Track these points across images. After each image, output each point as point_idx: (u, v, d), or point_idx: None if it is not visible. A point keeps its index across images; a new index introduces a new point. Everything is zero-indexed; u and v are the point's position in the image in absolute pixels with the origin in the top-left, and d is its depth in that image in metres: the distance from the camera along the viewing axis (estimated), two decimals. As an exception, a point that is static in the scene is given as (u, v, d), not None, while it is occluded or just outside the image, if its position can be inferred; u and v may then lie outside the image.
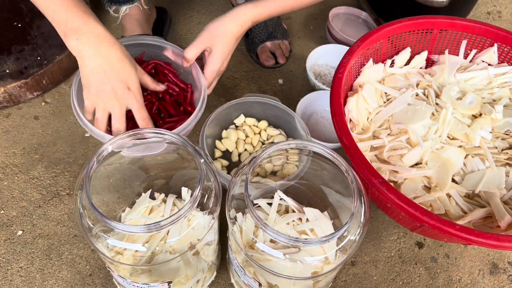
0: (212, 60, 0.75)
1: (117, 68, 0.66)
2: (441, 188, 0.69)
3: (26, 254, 0.74)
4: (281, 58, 1.04)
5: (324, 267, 0.58)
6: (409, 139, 0.74)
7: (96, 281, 0.72)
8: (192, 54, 0.75)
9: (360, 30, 1.16)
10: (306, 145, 0.59)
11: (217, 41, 0.74)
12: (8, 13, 0.98)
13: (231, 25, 0.74)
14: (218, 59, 0.75)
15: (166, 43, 0.82)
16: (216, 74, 0.77)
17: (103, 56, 0.65)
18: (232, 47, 0.76)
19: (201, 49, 0.75)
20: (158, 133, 0.57)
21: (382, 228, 0.82)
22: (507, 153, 0.74)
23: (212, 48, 0.74)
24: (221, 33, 0.73)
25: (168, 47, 0.82)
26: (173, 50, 0.80)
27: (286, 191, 0.66)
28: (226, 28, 0.73)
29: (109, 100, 0.67)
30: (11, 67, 0.90)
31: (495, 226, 0.67)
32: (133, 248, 0.57)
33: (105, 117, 0.68)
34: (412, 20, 0.81)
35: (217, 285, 0.73)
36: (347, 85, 0.79)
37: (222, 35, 0.73)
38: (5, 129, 0.89)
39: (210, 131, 0.84)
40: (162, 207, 0.64)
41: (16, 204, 0.79)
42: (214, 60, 0.75)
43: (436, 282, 0.77)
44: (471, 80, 0.82)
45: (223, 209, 0.59)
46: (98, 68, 0.65)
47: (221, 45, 0.74)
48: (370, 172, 0.61)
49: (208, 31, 0.74)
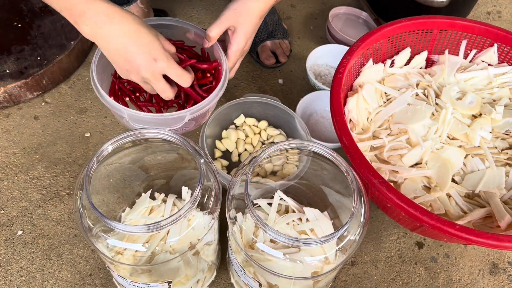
0: (236, 39, 0.72)
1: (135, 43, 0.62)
2: (441, 188, 0.69)
3: (26, 254, 0.74)
4: (282, 57, 1.04)
5: (324, 267, 0.58)
6: (409, 139, 0.74)
7: (96, 281, 0.72)
8: (215, 32, 0.71)
9: (360, 30, 1.16)
10: (306, 145, 0.59)
11: (242, 19, 0.70)
12: (8, 13, 0.98)
13: (256, 3, 0.70)
14: (242, 38, 0.72)
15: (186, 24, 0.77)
16: (239, 53, 0.74)
17: (117, 34, 0.62)
18: (256, 26, 0.73)
19: (224, 27, 0.71)
20: (157, 133, 0.57)
21: (382, 228, 0.82)
22: (507, 153, 0.74)
23: (236, 27, 0.71)
24: (246, 10, 0.70)
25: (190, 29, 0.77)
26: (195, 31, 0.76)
27: (286, 191, 0.66)
28: (251, 5, 0.70)
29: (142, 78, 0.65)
30: (11, 67, 0.90)
31: (495, 226, 0.67)
32: (133, 248, 0.57)
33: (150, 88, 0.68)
34: (412, 20, 0.81)
35: (217, 285, 0.73)
36: (347, 85, 0.79)
37: (247, 12, 0.70)
38: (5, 129, 0.89)
39: (210, 131, 0.84)
40: (162, 207, 0.64)
41: (16, 204, 0.79)
42: (239, 39, 0.72)
43: (436, 282, 0.77)
44: (471, 80, 0.82)
45: (223, 209, 0.59)
46: (117, 49, 0.62)
47: (246, 23, 0.71)
48: (370, 172, 0.61)
49: (232, 9, 0.70)
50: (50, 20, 0.97)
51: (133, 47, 0.62)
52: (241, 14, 0.70)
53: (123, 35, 0.62)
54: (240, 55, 0.75)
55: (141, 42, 0.63)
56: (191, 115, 0.70)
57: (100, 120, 0.92)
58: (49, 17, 0.97)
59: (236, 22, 0.71)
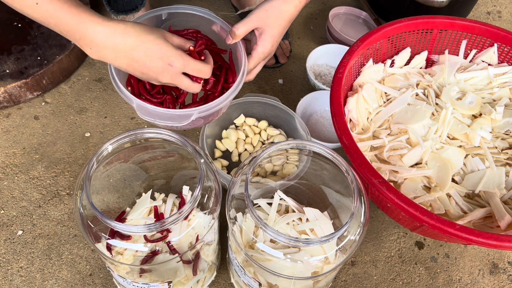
0: (263, 41, 0.69)
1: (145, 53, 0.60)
2: (441, 188, 0.69)
3: (26, 254, 0.74)
4: (282, 58, 1.04)
5: (324, 267, 0.58)
6: (409, 139, 0.74)
7: (96, 281, 0.72)
8: (242, 31, 0.68)
9: (360, 30, 1.16)
10: (306, 145, 0.59)
11: (271, 21, 0.68)
12: (8, 13, 0.98)
13: (287, 6, 0.68)
14: (269, 40, 0.69)
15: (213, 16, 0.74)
16: (263, 56, 0.71)
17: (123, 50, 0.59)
18: (284, 30, 0.70)
19: (252, 27, 0.69)
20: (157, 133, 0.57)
21: (382, 228, 0.82)
22: (507, 153, 0.74)
23: (264, 28, 0.69)
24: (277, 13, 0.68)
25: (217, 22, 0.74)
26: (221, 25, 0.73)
27: (286, 191, 0.66)
28: (282, 8, 0.68)
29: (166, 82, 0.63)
30: (11, 67, 0.90)
31: (495, 226, 0.67)
32: (134, 248, 0.57)
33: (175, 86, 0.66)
34: (412, 20, 0.81)
35: (217, 285, 0.73)
36: (347, 85, 0.79)
37: (278, 15, 0.68)
38: (5, 129, 0.89)
39: (210, 131, 0.84)
40: (162, 207, 0.64)
41: (16, 204, 0.79)
42: (265, 41, 0.69)
43: (436, 282, 0.77)
44: (471, 80, 0.82)
45: (223, 209, 0.59)
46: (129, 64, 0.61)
47: (275, 26, 0.69)
48: (370, 172, 0.61)
49: (263, 10, 0.68)
50: (50, 20, 0.97)
51: (144, 59, 0.60)
52: (271, 16, 0.68)
53: (130, 50, 0.60)
54: (263, 58, 0.73)
55: (150, 52, 0.60)
56: (199, 114, 0.67)
57: (100, 120, 0.92)
58: (49, 17, 0.97)
59: (265, 23, 0.68)
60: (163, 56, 0.61)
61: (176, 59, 0.61)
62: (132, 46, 0.59)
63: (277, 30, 0.69)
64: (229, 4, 1.18)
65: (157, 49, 0.60)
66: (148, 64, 0.61)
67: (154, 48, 0.60)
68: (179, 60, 0.61)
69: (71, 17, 0.56)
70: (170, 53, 0.61)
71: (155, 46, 0.60)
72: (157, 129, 0.57)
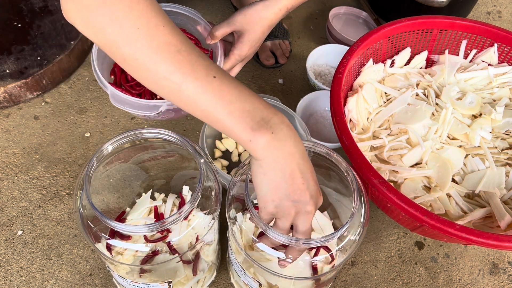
0: (240, 44, 0.71)
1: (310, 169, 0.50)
2: (441, 188, 0.69)
3: (26, 254, 0.74)
4: (282, 58, 1.04)
5: (324, 267, 0.58)
6: (409, 139, 0.74)
7: (96, 281, 0.72)
8: (220, 32, 0.70)
9: (360, 30, 1.16)
10: (306, 145, 0.59)
11: (250, 25, 0.70)
12: (8, 13, 0.98)
13: (267, 12, 0.70)
14: (246, 44, 0.71)
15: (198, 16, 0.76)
16: (240, 58, 0.73)
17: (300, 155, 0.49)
18: (263, 35, 0.72)
19: (230, 29, 0.71)
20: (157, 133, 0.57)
21: (382, 228, 0.82)
22: (507, 153, 0.74)
23: (243, 32, 0.70)
24: (256, 18, 0.70)
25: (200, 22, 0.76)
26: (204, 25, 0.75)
27: (286, 191, 0.66)
28: (262, 13, 0.70)
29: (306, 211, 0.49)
30: (11, 67, 0.90)
31: (495, 226, 0.67)
32: (134, 248, 0.57)
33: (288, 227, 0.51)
34: (412, 20, 0.81)
35: (217, 285, 0.73)
36: (347, 85, 0.79)
37: (257, 20, 0.70)
38: (5, 129, 0.89)
39: (210, 131, 0.84)
40: (162, 207, 0.64)
41: (16, 204, 0.79)
42: (242, 44, 0.71)
43: (436, 282, 0.77)
44: (471, 80, 0.82)
45: (223, 209, 0.59)
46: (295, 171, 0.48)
47: (253, 30, 0.70)
48: (370, 172, 0.61)
49: (243, 14, 0.70)
50: (50, 20, 0.97)
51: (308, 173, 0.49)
52: (250, 21, 0.69)
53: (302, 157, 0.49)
54: (241, 60, 0.74)
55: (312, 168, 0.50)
56: (168, 106, 0.67)
57: (100, 120, 0.92)
58: (49, 17, 0.97)
59: (244, 28, 0.70)
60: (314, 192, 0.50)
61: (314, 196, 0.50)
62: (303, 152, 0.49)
63: (254, 34, 0.70)
64: (229, 4, 1.18)
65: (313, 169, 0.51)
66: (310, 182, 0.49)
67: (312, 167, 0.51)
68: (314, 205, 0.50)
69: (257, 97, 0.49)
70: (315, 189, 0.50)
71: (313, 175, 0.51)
72: (157, 129, 0.57)
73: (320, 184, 0.66)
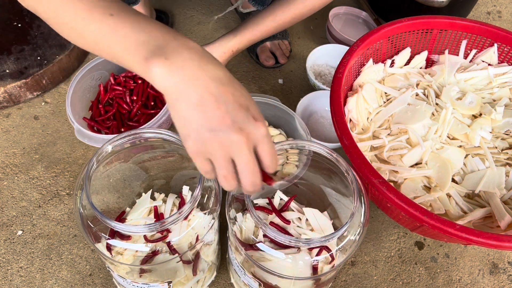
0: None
1: (231, 91, 0.44)
2: (441, 188, 0.69)
3: (26, 254, 0.74)
4: (282, 58, 1.04)
5: (324, 267, 0.58)
6: (409, 139, 0.74)
7: (96, 281, 0.72)
8: None
9: (360, 30, 1.16)
10: (306, 145, 0.59)
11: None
12: (8, 13, 0.98)
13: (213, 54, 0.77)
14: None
15: None
16: None
17: (209, 77, 0.43)
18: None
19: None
20: (157, 133, 0.57)
21: (382, 228, 0.82)
22: (507, 153, 0.74)
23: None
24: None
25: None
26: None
27: (286, 191, 0.66)
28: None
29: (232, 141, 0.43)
30: (11, 67, 0.90)
31: (495, 226, 0.67)
32: (134, 248, 0.57)
33: (232, 168, 0.45)
34: (412, 20, 0.81)
35: (217, 285, 0.73)
36: (347, 85, 0.79)
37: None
38: (5, 129, 0.89)
39: (210, 131, 0.84)
40: (162, 207, 0.64)
41: (16, 204, 0.79)
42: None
43: (436, 282, 0.77)
44: (471, 80, 0.82)
45: (223, 209, 0.59)
46: (204, 96, 0.42)
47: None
48: (370, 172, 0.61)
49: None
50: (50, 20, 0.97)
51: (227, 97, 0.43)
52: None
53: (214, 79, 0.43)
54: None
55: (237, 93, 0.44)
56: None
57: (100, 120, 0.92)
58: (49, 17, 0.97)
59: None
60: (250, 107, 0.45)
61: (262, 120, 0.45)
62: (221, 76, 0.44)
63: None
64: (229, 4, 1.18)
65: (246, 94, 0.45)
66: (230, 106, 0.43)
67: (243, 93, 0.45)
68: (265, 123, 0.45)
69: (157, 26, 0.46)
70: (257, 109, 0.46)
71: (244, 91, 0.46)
72: (157, 129, 0.57)
73: (320, 184, 0.66)
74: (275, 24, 0.79)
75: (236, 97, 0.44)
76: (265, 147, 0.45)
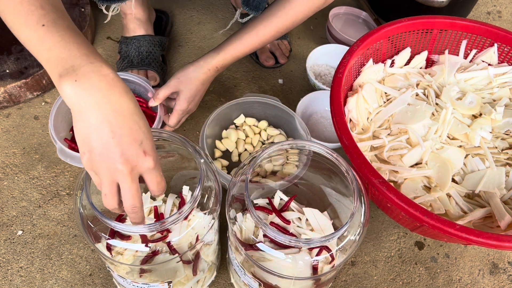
0: (179, 101, 0.82)
1: (129, 125, 0.47)
2: (441, 188, 0.69)
3: (26, 254, 0.74)
4: (282, 58, 1.04)
5: (324, 267, 0.58)
6: (409, 139, 0.74)
7: (96, 281, 0.72)
8: (162, 94, 0.81)
9: (360, 30, 1.16)
10: (306, 145, 0.59)
11: (183, 86, 0.81)
12: (8, 13, 0.97)
13: (196, 73, 0.81)
14: (183, 101, 0.81)
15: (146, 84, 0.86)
16: (182, 113, 0.83)
17: (112, 107, 0.47)
18: (197, 91, 0.83)
19: (169, 92, 0.81)
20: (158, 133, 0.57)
21: (382, 228, 0.82)
22: (507, 153, 0.74)
23: (179, 92, 0.81)
24: (186, 79, 0.81)
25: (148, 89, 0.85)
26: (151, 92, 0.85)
27: (286, 191, 0.66)
28: (192, 75, 0.81)
29: (117, 169, 0.47)
30: (11, 67, 0.90)
31: (495, 226, 0.67)
32: (134, 248, 0.57)
33: (115, 190, 0.49)
34: (412, 20, 0.81)
35: (217, 285, 0.73)
36: (347, 85, 0.79)
37: (187, 81, 0.81)
38: (5, 129, 0.89)
39: (210, 131, 0.84)
40: (162, 207, 0.64)
41: (16, 204, 0.79)
42: (180, 102, 0.82)
43: (436, 282, 0.77)
44: (471, 80, 0.82)
45: (223, 209, 0.59)
46: (103, 124, 0.46)
47: (186, 90, 0.81)
48: (370, 172, 0.61)
49: (176, 78, 0.81)
50: (50, 20, 0.97)
51: (123, 132, 0.47)
52: (183, 82, 0.81)
53: (118, 111, 0.47)
54: (183, 114, 0.84)
55: (135, 128, 0.48)
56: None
57: (100, 120, 0.92)
58: (49, 17, 0.97)
59: (179, 88, 0.81)
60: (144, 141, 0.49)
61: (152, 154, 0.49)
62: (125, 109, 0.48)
63: (189, 92, 0.81)
64: (229, 4, 1.18)
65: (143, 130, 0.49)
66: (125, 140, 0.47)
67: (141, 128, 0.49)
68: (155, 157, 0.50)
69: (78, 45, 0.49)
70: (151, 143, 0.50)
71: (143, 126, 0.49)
72: (157, 129, 0.57)
73: (320, 184, 0.66)
74: (259, 39, 0.80)
75: (133, 130, 0.48)
76: (151, 177, 0.50)
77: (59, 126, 0.80)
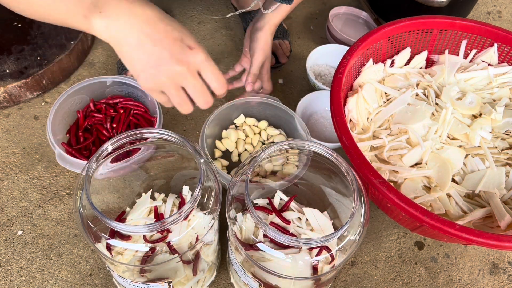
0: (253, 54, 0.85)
1: (163, 28, 0.49)
2: (441, 188, 0.69)
3: (26, 254, 0.74)
4: (282, 57, 1.04)
5: (324, 267, 0.58)
6: (409, 139, 0.74)
7: (96, 281, 0.72)
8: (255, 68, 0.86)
9: (360, 30, 1.16)
10: (306, 145, 0.59)
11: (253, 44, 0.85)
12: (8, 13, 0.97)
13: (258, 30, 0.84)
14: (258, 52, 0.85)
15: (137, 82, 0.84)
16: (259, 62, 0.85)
17: (140, 20, 0.49)
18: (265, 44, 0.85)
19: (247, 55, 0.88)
20: (158, 133, 0.57)
21: (382, 228, 0.82)
22: (507, 153, 0.74)
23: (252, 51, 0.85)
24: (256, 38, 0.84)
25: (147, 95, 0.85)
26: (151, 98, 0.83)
27: (286, 191, 0.66)
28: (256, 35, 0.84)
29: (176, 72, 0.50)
30: (11, 67, 0.90)
31: (495, 226, 0.67)
32: (134, 248, 0.57)
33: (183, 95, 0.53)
34: (412, 20, 0.81)
35: (217, 285, 0.73)
36: (347, 85, 0.79)
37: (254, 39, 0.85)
38: (5, 129, 0.89)
39: (210, 131, 0.84)
40: (162, 207, 0.64)
41: (16, 204, 0.79)
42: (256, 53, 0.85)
43: (436, 282, 0.77)
44: (471, 80, 0.82)
45: (223, 209, 0.59)
46: (141, 38, 0.49)
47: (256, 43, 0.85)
48: (370, 172, 0.61)
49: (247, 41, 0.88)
50: (50, 20, 0.97)
51: (160, 35, 0.49)
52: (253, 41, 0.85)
53: (147, 21, 0.49)
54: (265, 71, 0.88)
55: (170, 28, 0.50)
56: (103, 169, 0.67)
57: (100, 120, 0.91)
58: (49, 17, 0.97)
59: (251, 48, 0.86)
60: (184, 37, 0.50)
61: (198, 46, 0.51)
62: (153, 16, 0.49)
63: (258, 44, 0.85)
64: (229, 4, 1.18)
65: (178, 26, 0.51)
66: (164, 41, 0.49)
67: (175, 25, 0.51)
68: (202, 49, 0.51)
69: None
70: (192, 37, 0.51)
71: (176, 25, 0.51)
72: (157, 129, 0.57)
73: (320, 184, 0.66)
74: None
75: (168, 32, 0.49)
76: (207, 70, 0.51)
77: (57, 128, 0.79)
